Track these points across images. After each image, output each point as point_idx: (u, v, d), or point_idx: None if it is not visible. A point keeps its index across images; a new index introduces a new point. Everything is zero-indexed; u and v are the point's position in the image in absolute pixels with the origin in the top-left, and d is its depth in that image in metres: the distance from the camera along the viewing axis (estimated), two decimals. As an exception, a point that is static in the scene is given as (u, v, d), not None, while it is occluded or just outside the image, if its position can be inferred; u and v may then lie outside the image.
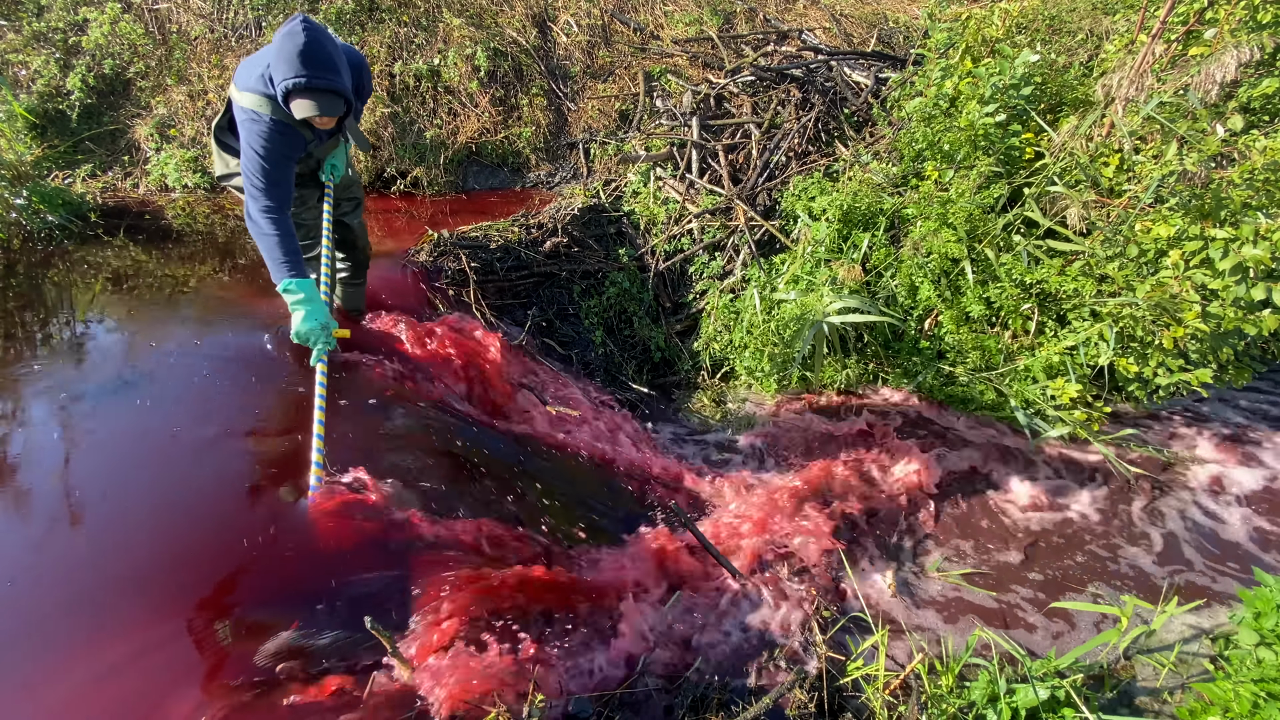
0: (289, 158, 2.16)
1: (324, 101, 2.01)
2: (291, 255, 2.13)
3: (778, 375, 3.82)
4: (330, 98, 2.02)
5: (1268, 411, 3.78)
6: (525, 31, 5.55)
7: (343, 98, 2.06)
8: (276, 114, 2.09)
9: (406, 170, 5.09)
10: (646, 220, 4.63)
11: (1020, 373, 3.35)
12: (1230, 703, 1.79)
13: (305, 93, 1.98)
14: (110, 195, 4.67)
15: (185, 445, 2.23)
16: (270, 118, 2.08)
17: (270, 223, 2.11)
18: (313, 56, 1.94)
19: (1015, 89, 3.40)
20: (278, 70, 1.96)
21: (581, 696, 1.94)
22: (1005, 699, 1.89)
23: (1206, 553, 2.85)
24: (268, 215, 2.11)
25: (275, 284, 2.18)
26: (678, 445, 3.61)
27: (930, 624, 2.52)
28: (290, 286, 2.13)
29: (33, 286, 3.39)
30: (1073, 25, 4.17)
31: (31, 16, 4.97)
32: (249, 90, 2.08)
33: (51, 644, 1.62)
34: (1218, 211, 2.83)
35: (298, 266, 2.14)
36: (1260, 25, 3.11)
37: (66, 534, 1.90)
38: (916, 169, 3.87)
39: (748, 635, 2.38)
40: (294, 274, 2.13)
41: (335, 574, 1.93)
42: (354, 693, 1.67)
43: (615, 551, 2.63)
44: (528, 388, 3.35)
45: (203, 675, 1.60)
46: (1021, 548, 2.88)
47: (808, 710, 2.00)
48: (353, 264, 2.99)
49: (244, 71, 2.13)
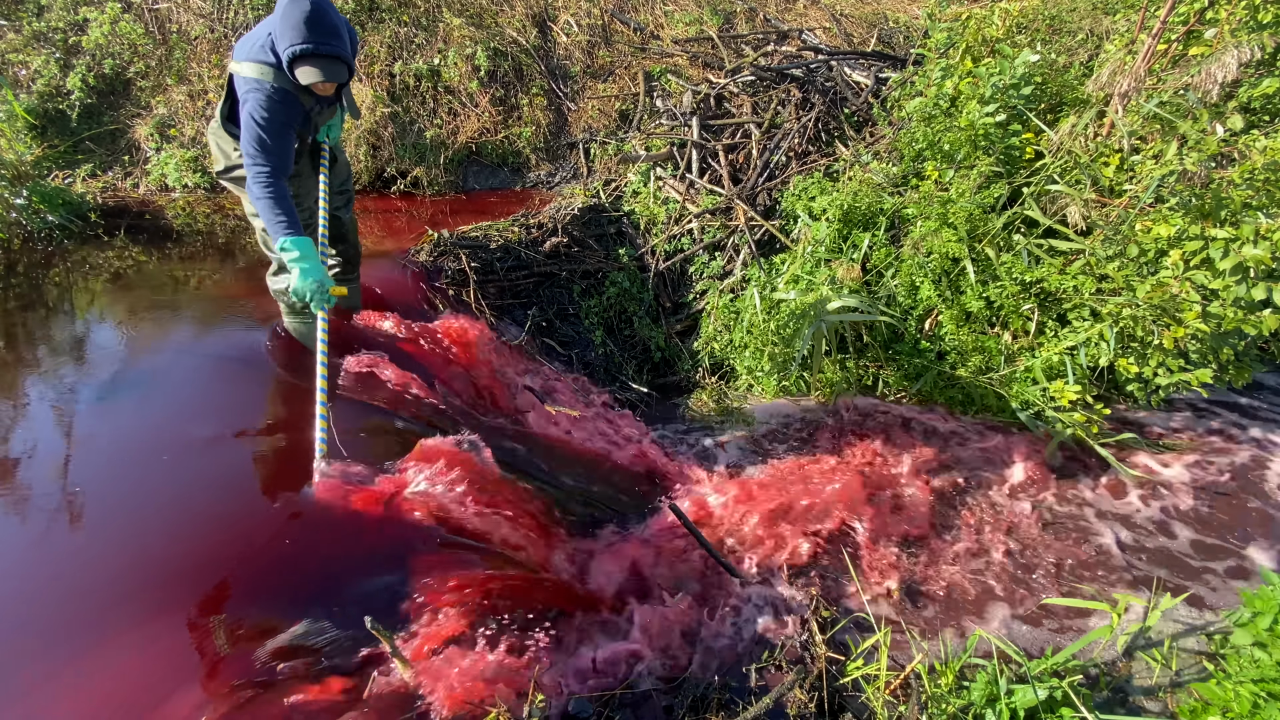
0: (289, 125, 2.19)
1: (329, 68, 2.05)
2: (289, 215, 2.17)
3: (778, 375, 3.82)
4: (335, 64, 2.06)
5: (1268, 411, 3.78)
6: (525, 31, 5.55)
7: (346, 64, 2.11)
8: (278, 81, 2.12)
9: (406, 170, 5.09)
10: (646, 220, 4.62)
11: (1021, 374, 3.35)
12: (1230, 702, 1.79)
13: (311, 59, 2.02)
14: (110, 195, 4.67)
15: (185, 444, 2.23)
16: (272, 84, 2.11)
17: (268, 187, 2.14)
18: (318, 23, 1.99)
19: (1015, 89, 3.40)
20: (283, 38, 2.00)
21: (581, 696, 1.94)
22: (1004, 699, 1.90)
23: (1207, 553, 2.85)
24: (267, 179, 2.14)
25: (273, 244, 2.25)
26: (677, 445, 3.61)
27: (930, 624, 2.52)
28: (287, 245, 2.16)
29: (33, 286, 3.40)
30: (1073, 25, 4.17)
31: (32, 16, 4.97)
32: (249, 60, 2.11)
33: (51, 644, 1.62)
34: (1218, 211, 2.83)
35: (295, 226, 2.18)
36: (1261, 25, 3.11)
37: (64, 533, 1.90)
38: (917, 169, 3.87)
39: (748, 635, 2.38)
40: (291, 233, 2.16)
41: (336, 574, 1.93)
42: (354, 693, 1.67)
43: (615, 551, 2.63)
44: (527, 387, 3.35)
45: (203, 675, 1.60)
46: (1022, 547, 2.88)
47: (808, 710, 2.00)
48: (344, 259, 3.00)
49: (243, 45, 2.16)
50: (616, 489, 2.97)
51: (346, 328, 2.99)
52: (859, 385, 3.81)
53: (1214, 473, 3.29)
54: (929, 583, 2.71)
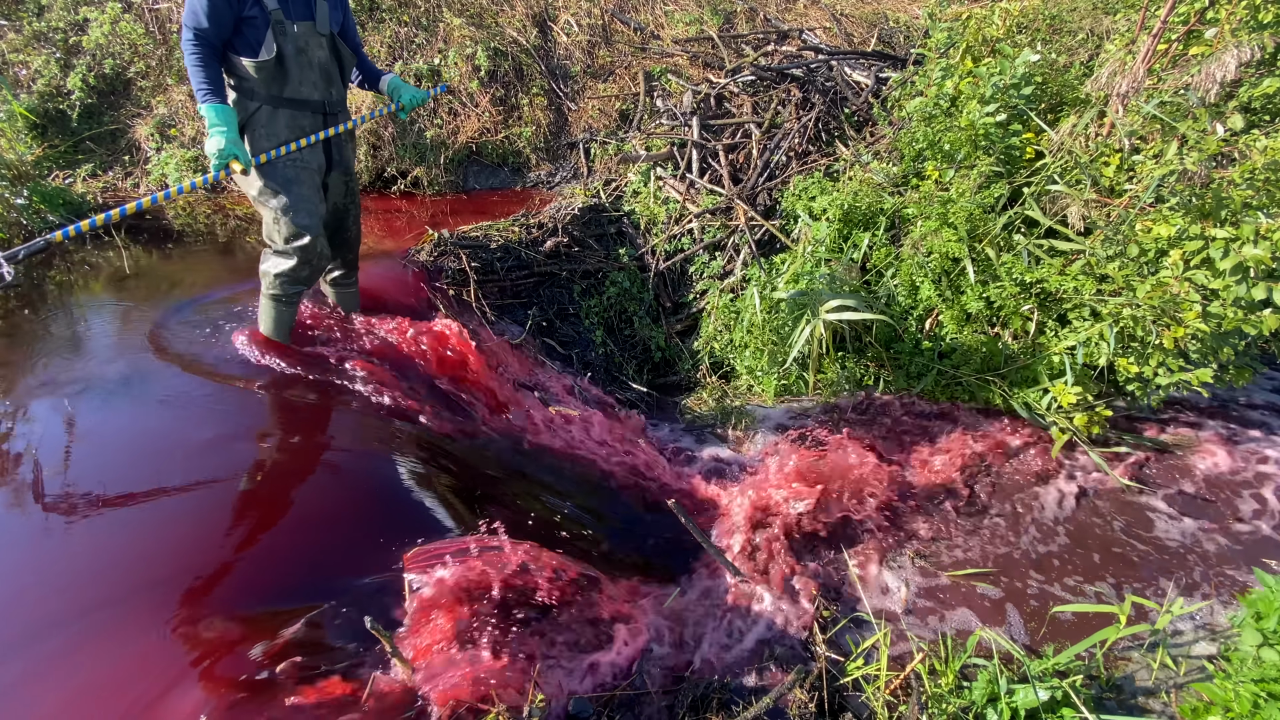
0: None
1: None
2: (211, 81, 2.21)
3: (778, 374, 3.82)
4: None
5: (1269, 411, 3.78)
6: (525, 31, 5.55)
7: None
8: None
9: (407, 170, 5.09)
10: (647, 220, 4.63)
11: (1021, 373, 3.35)
12: (1230, 702, 1.79)
13: None
14: (111, 195, 4.67)
15: (184, 445, 2.23)
16: None
17: (194, 48, 2.18)
18: None
19: (1016, 89, 3.40)
20: None
21: (581, 696, 1.94)
22: (1005, 699, 1.89)
23: (1207, 552, 2.85)
24: (194, 42, 2.18)
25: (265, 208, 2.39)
26: (677, 444, 3.61)
27: (931, 623, 2.52)
28: (203, 109, 2.22)
29: (33, 286, 3.40)
30: (1073, 25, 4.17)
31: (32, 16, 4.97)
32: None
33: (51, 643, 1.62)
34: (1218, 211, 2.83)
35: (213, 93, 2.21)
36: (1261, 25, 3.11)
37: (62, 533, 1.90)
38: (917, 169, 3.87)
39: (748, 634, 2.38)
40: (211, 99, 2.21)
41: (335, 573, 1.93)
42: (354, 693, 1.67)
43: (615, 550, 2.63)
44: (527, 387, 3.35)
45: (203, 675, 1.60)
46: (1023, 546, 2.88)
47: (808, 710, 2.00)
48: (345, 266, 2.98)
49: None
50: (615, 487, 2.97)
51: (346, 328, 2.99)
52: (859, 385, 3.81)
53: (1214, 472, 3.29)
54: (930, 581, 2.71)
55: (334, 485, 2.25)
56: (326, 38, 2.47)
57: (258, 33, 2.28)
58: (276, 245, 2.56)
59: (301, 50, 2.39)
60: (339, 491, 2.23)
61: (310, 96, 2.48)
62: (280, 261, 2.57)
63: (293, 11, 2.34)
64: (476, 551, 2.01)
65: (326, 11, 2.45)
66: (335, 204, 2.76)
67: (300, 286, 2.65)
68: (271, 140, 2.42)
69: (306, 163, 2.51)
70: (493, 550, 2.03)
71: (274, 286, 2.61)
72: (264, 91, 2.38)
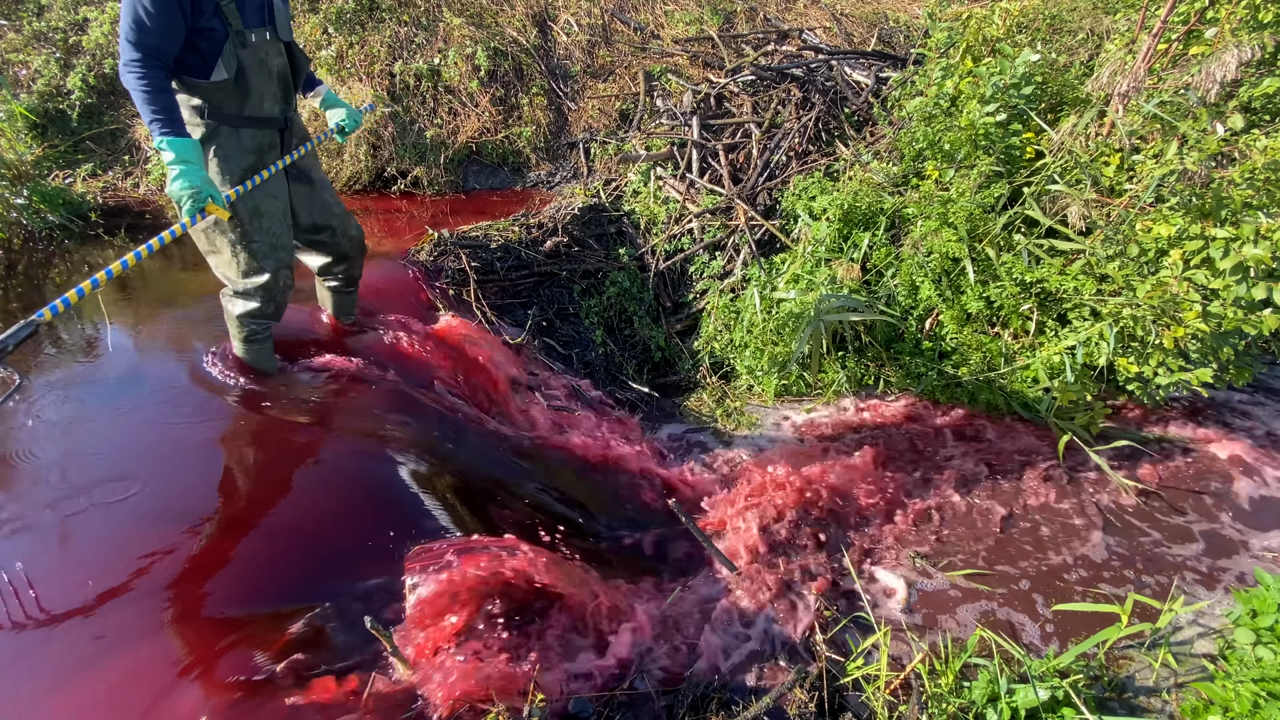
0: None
1: None
2: (165, 112, 1.90)
3: (778, 375, 3.82)
4: None
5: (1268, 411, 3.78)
6: (525, 31, 5.55)
7: None
8: None
9: (407, 170, 5.09)
10: (647, 220, 4.63)
11: (1021, 373, 3.35)
12: (1230, 702, 1.79)
13: None
14: (111, 195, 4.68)
15: (184, 445, 2.23)
16: None
17: (140, 70, 1.86)
18: None
19: (1016, 88, 3.40)
20: None
21: (581, 696, 1.94)
22: (1005, 699, 1.89)
23: (1209, 550, 2.85)
24: (139, 63, 1.85)
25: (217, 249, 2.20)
26: (677, 444, 3.61)
27: (931, 623, 2.52)
28: (162, 145, 1.91)
29: (33, 286, 3.40)
30: (1073, 25, 4.17)
31: (32, 16, 4.97)
32: None
33: (51, 643, 1.62)
34: (1218, 211, 2.83)
35: (171, 125, 1.91)
36: (1261, 25, 3.10)
37: (62, 533, 1.90)
38: (917, 168, 3.87)
39: (748, 634, 2.38)
40: (166, 132, 1.90)
41: (335, 574, 1.93)
42: (354, 693, 1.67)
43: (615, 550, 2.63)
44: (527, 387, 3.35)
45: (203, 675, 1.60)
46: (1024, 546, 2.88)
47: (808, 710, 2.00)
48: (346, 277, 2.83)
49: None
50: (616, 487, 2.97)
51: (346, 329, 2.99)
52: (860, 385, 3.81)
53: (1214, 472, 3.29)
54: (930, 582, 2.71)
55: (334, 485, 2.25)
56: (284, 44, 2.21)
57: (214, 47, 1.98)
58: (235, 285, 2.36)
59: (262, 61, 2.12)
60: (339, 492, 2.23)
61: (271, 113, 2.22)
62: (243, 303, 2.39)
63: (250, 19, 2.05)
64: (476, 551, 2.01)
65: (286, 15, 2.18)
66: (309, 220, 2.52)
67: (269, 322, 2.48)
68: (234, 164, 2.16)
69: (273, 191, 2.27)
70: (492, 550, 2.03)
71: (242, 329, 2.46)
72: (222, 110, 2.10)
